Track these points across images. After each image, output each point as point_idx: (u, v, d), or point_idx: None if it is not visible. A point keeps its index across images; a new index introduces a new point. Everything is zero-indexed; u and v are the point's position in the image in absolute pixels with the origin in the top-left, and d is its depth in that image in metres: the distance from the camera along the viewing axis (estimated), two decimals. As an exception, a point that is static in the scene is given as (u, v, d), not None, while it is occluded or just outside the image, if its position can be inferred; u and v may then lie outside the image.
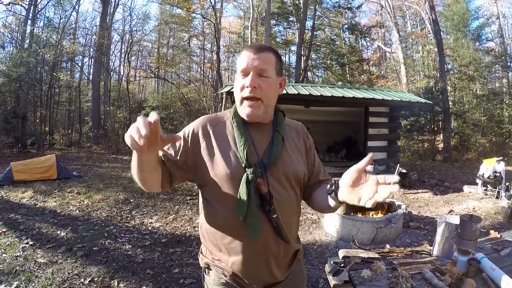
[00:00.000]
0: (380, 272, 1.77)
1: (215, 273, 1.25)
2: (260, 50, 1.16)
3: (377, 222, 4.35)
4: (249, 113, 1.17)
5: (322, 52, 22.40)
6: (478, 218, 1.75)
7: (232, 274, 1.20)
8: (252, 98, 1.15)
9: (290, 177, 1.23)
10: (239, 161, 1.15)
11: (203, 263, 1.31)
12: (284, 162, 1.22)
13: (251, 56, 1.15)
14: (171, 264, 3.69)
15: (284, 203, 1.19)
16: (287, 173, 1.22)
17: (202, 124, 1.24)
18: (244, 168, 1.13)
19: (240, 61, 1.18)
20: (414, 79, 20.49)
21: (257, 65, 1.14)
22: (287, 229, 1.20)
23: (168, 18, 22.89)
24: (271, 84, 1.18)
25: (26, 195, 6.56)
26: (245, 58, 1.15)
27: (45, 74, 17.81)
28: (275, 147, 1.20)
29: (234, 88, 1.23)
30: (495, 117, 16.65)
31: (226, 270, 1.21)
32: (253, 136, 1.20)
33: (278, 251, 1.21)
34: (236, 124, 1.20)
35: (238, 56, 1.21)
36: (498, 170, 6.71)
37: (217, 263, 1.24)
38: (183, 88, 21.00)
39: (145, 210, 5.89)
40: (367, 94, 7.98)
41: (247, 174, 1.12)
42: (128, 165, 5.33)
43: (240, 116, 1.21)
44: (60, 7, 19.64)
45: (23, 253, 3.79)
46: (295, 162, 1.26)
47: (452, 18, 18.75)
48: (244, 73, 1.16)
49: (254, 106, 1.16)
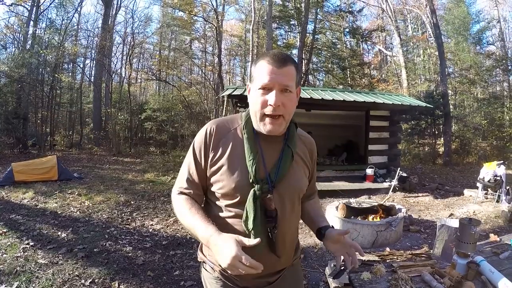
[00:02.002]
0: (380, 274, 1.78)
1: (208, 268, 1.27)
2: (283, 64, 1.10)
3: (377, 226, 4.35)
4: (270, 130, 1.14)
5: (323, 56, 22.46)
6: (477, 222, 1.76)
7: (222, 269, 1.20)
8: (274, 116, 1.12)
9: (295, 194, 1.24)
10: (246, 175, 1.13)
11: (199, 258, 1.33)
12: (291, 178, 1.21)
13: (274, 70, 1.09)
14: (172, 266, 3.69)
15: (287, 220, 1.20)
16: (293, 190, 1.23)
17: (210, 134, 1.20)
18: (252, 184, 1.12)
19: (260, 75, 1.11)
20: (415, 83, 20.51)
21: (281, 81, 1.09)
22: (281, 244, 1.20)
23: (170, 21, 22.96)
24: (293, 100, 1.15)
25: (27, 196, 6.57)
26: (267, 72, 1.10)
27: (46, 76, 17.90)
28: (284, 164, 1.19)
29: (250, 100, 1.18)
30: (495, 120, 16.66)
31: (217, 265, 1.22)
32: (263, 149, 1.18)
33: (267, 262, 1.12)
34: (247, 136, 1.17)
35: (256, 65, 1.15)
36: (499, 174, 6.70)
37: (210, 259, 1.26)
38: (184, 90, 21.06)
39: (146, 212, 5.90)
40: (368, 98, 7.99)
41: (254, 191, 1.11)
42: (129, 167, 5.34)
43: (251, 126, 1.20)
44: (62, 8, 19.75)
45: (23, 253, 3.80)
46: (300, 178, 1.26)
47: (453, 22, 18.81)
48: (266, 89, 1.11)
49: (276, 123, 1.13)
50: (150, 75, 23.31)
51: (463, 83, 18.54)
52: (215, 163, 1.17)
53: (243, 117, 1.24)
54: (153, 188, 7.90)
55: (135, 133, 20.20)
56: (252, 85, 1.17)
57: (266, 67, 1.11)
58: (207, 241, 1.03)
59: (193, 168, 1.21)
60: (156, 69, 23.40)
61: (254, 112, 1.16)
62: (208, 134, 1.20)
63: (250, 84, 1.19)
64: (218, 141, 1.19)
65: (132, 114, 18.87)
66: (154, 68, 23.78)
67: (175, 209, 1.21)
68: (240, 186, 1.13)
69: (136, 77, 23.78)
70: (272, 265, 1.23)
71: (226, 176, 1.14)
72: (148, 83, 25.58)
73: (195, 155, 1.21)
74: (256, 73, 1.14)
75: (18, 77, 14.48)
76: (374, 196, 7.23)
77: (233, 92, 7.13)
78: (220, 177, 1.15)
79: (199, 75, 25.82)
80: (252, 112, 1.18)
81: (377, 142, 8.86)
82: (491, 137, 16.37)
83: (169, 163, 12.09)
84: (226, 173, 1.15)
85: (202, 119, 19.32)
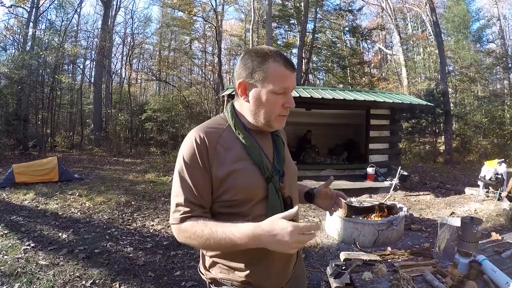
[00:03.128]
0: (381, 274, 1.77)
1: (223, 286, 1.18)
2: (295, 69, 1.17)
3: (378, 225, 4.34)
4: (281, 126, 1.21)
5: (323, 55, 22.47)
6: (479, 220, 1.75)
7: (244, 282, 1.14)
8: (284, 115, 1.19)
9: (295, 176, 1.33)
10: (258, 173, 1.11)
11: (207, 278, 1.22)
12: (288, 164, 1.28)
13: (291, 75, 1.13)
14: (173, 267, 3.69)
15: (296, 204, 1.23)
16: (293, 173, 1.30)
17: (202, 143, 1.09)
18: (267, 179, 1.12)
19: (277, 77, 1.09)
20: (415, 81, 20.50)
21: (294, 84, 1.16)
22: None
23: (169, 21, 22.97)
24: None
25: (28, 197, 6.57)
26: (287, 76, 1.12)
27: (47, 77, 17.89)
28: (281, 152, 1.25)
29: (263, 100, 1.12)
30: (496, 118, 16.64)
31: (241, 282, 1.15)
32: (260, 143, 1.19)
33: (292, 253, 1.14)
34: (243, 136, 1.15)
35: (266, 65, 1.10)
36: (500, 172, 6.69)
37: (227, 277, 1.16)
38: (184, 90, 21.07)
39: (146, 212, 5.89)
40: (368, 97, 7.98)
41: (273, 184, 1.12)
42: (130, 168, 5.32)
43: (241, 125, 1.17)
44: (62, 9, 19.79)
45: (24, 255, 3.80)
46: (292, 160, 1.35)
47: (453, 20, 18.79)
48: (285, 91, 1.13)
49: (284, 119, 1.19)
50: (150, 76, 23.33)
51: (463, 81, 18.52)
52: (221, 171, 1.08)
53: (228, 117, 1.19)
54: (154, 188, 7.90)
55: (136, 134, 20.19)
56: (262, 84, 1.11)
57: (285, 72, 1.11)
58: (252, 237, 0.95)
59: (190, 186, 1.07)
60: (156, 69, 23.42)
61: (268, 113, 1.14)
62: (200, 144, 1.09)
63: (258, 84, 1.12)
64: (213, 148, 1.10)
65: (133, 114, 18.87)
66: (154, 68, 23.80)
67: (185, 239, 1.07)
68: (256, 185, 1.10)
69: (136, 77, 23.81)
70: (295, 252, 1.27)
71: (238, 181, 1.08)
72: (148, 84, 25.59)
73: (190, 171, 1.08)
74: (269, 75, 1.10)
75: (18, 79, 14.50)
76: (375, 195, 7.22)
77: (233, 91, 7.10)
78: (231, 184, 1.08)
79: (199, 75, 25.84)
80: (263, 112, 1.14)
81: (378, 141, 8.85)
82: (492, 135, 16.35)
83: (169, 164, 12.09)
84: (236, 178, 1.08)
85: (202, 119, 19.28)
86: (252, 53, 1.14)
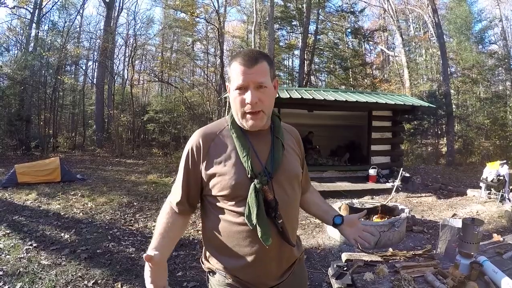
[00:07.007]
0: (382, 275, 1.78)
1: (219, 275, 1.26)
2: (254, 62, 1.14)
3: (380, 226, 4.33)
4: (252, 125, 1.17)
5: (325, 56, 22.45)
6: (480, 222, 1.76)
7: (236, 277, 1.22)
8: (254, 112, 1.16)
9: (292, 180, 1.28)
10: (244, 172, 1.16)
11: (206, 268, 1.32)
12: (286, 166, 1.25)
13: (246, 71, 1.13)
14: (175, 267, 3.69)
15: (288, 208, 1.23)
16: (290, 176, 1.26)
17: (197, 144, 1.21)
18: (250, 179, 1.15)
19: (234, 76, 1.16)
20: (417, 83, 20.43)
21: (255, 79, 1.13)
22: (290, 232, 1.22)
23: (172, 23, 22.96)
24: (270, 94, 1.19)
25: (30, 197, 6.60)
26: (240, 73, 1.13)
27: (49, 77, 17.98)
28: (277, 154, 1.22)
29: (230, 100, 1.21)
30: (498, 120, 16.55)
31: (230, 274, 1.23)
32: (254, 145, 1.21)
33: (284, 254, 1.24)
34: (236, 135, 1.20)
35: (230, 66, 1.19)
36: (502, 174, 6.66)
37: (220, 268, 1.25)
38: (186, 92, 21.06)
39: (148, 213, 5.91)
40: (370, 98, 7.98)
41: (254, 184, 1.13)
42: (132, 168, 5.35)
43: (238, 125, 1.22)
44: (64, 11, 19.89)
45: (26, 255, 3.82)
46: (294, 164, 1.31)
47: (455, 21, 18.71)
48: (242, 89, 1.15)
49: (257, 118, 1.17)
50: (153, 77, 23.34)
51: (465, 82, 18.44)
52: (210, 169, 1.18)
53: (228, 118, 1.27)
54: (156, 189, 7.91)
55: (138, 135, 20.22)
56: (230, 85, 1.20)
57: (239, 68, 1.14)
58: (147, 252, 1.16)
59: (185, 181, 1.24)
60: (159, 70, 23.44)
61: (235, 111, 1.20)
62: (196, 144, 1.21)
63: (228, 84, 1.22)
64: (207, 147, 1.20)
65: (135, 115, 18.92)
66: (157, 69, 23.81)
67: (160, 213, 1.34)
68: (240, 184, 1.15)
69: (138, 78, 23.84)
70: (290, 255, 1.28)
71: (224, 178, 1.16)
72: (150, 85, 25.61)
73: (187, 167, 1.24)
74: (231, 75, 1.18)
75: (21, 79, 14.57)
76: (377, 196, 7.21)
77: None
78: (218, 180, 1.17)
79: (202, 76, 25.80)
80: (233, 111, 1.22)
81: (380, 142, 8.85)
82: (494, 136, 16.28)
83: (171, 165, 12.11)
84: (223, 175, 1.16)
85: (204, 120, 19.31)
86: (230, 59, 1.24)
